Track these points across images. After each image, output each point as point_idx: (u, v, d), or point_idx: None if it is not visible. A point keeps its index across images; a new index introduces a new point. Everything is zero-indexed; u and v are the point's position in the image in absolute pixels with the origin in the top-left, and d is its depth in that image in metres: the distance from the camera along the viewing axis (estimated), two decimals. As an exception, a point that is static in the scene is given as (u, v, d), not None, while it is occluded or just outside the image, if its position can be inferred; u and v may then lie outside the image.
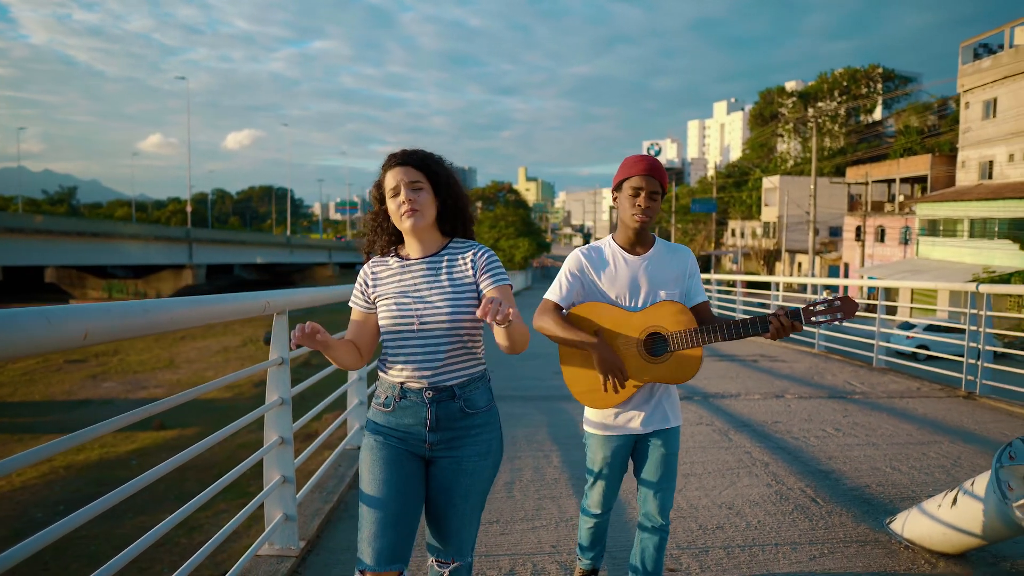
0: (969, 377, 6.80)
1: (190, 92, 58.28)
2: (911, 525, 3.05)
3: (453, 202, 1.95)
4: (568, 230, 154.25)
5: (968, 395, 6.69)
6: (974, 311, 6.76)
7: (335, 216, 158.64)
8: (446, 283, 1.89)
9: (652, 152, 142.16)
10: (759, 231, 53.85)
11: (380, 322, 1.92)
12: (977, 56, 30.45)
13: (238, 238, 60.10)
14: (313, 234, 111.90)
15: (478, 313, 1.63)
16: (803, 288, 23.78)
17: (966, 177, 30.62)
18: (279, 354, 2.92)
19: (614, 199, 2.34)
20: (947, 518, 2.82)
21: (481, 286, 1.90)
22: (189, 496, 2.23)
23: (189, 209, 60.33)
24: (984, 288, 6.55)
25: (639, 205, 2.22)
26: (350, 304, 2.02)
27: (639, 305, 2.28)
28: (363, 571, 1.80)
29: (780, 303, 11.60)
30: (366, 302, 1.98)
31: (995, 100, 28.91)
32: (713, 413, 5.84)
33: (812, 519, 3.40)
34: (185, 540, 9.93)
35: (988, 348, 6.58)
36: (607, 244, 2.36)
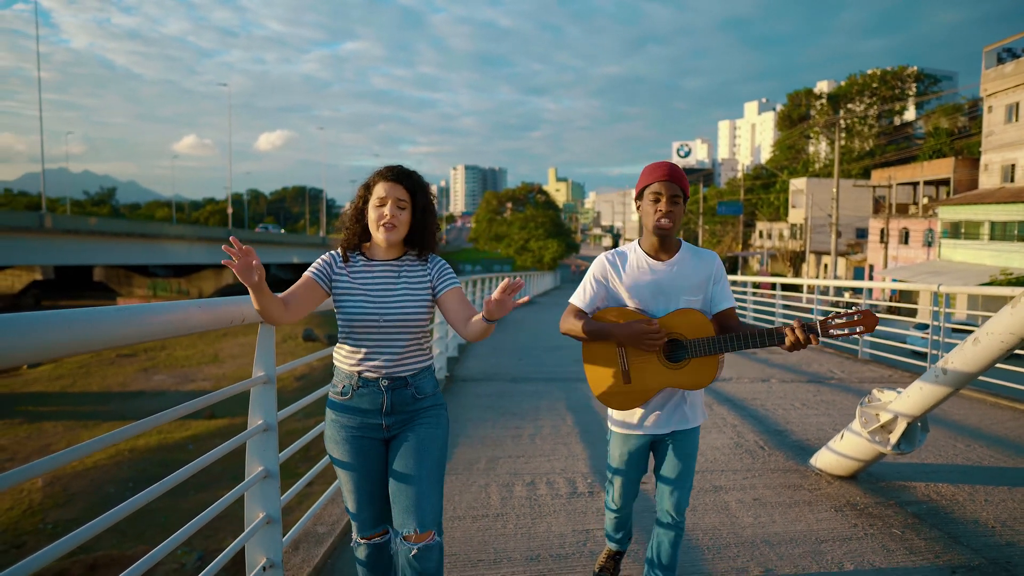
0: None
1: (224, 95, 60.51)
2: (821, 458, 4.22)
3: (423, 226, 2.16)
4: (598, 230, 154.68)
5: (931, 381, 7.75)
6: (937, 308, 7.82)
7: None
8: (406, 285, 2.12)
9: (681, 153, 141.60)
10: (786, 233, 54.33)
11: (342, 316, 2.10)
12: (1001, 60, 30.88)
13: (276, 238, 62.03)
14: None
15: (496, 292, 1.95)
16: (797, 288, 24.65)
17: (989, 180, 31.07)
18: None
19: (637, 207, 2.36)
20: (840, 449, 3.99)
21: (437, 289, 2.17)
22: (244, 477, 2.49)
23: (229, 211, 62.49)
24: (944, 288, 7.62)
25: (660, 210, 2.24)
26: (308, 272, 2.15)
27: (660, 312, 2.30)
28: (358, 536, 2.22)
29: (784, 304, 12.61)
30: (324, 278, 2.13)
31: (1018, 104, 29.37)
32: (703, 391, 6.99)
33: (755, 457, 4.58)
34: (242, 513, 11.32)
35: (947, 340, 7.64)
36: (633, 249, 2.38)
